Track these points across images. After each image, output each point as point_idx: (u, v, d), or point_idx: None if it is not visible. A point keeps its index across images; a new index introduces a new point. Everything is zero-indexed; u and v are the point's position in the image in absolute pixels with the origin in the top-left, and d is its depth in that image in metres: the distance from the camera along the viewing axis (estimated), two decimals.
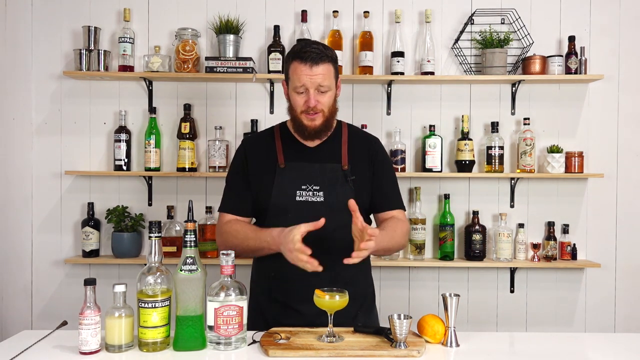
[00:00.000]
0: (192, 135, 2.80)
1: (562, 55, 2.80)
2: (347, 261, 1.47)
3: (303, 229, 1.50)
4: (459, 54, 2.85)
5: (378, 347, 1.34)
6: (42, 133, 2.88)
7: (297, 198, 1.71)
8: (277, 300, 1.72)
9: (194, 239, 1.37)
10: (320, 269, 1.49)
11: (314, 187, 1.72)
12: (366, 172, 1.78)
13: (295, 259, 1.50)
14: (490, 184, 2.90)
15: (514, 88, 2.86)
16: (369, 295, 1.84)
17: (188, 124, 2.78)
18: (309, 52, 1.66)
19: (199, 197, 2.87)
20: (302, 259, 1.49)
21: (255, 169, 1.78)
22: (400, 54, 2.78)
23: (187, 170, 2.75)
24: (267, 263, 1.74)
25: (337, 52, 2.18)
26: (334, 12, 2.80)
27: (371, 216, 1.87)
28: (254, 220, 1.85)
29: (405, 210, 1.85)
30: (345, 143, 1.79)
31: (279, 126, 1.86)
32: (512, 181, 2.87)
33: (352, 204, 1.53)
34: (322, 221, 1.53)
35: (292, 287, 1.68)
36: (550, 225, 2.82)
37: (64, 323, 1.58)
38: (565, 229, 2.84)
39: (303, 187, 1.72)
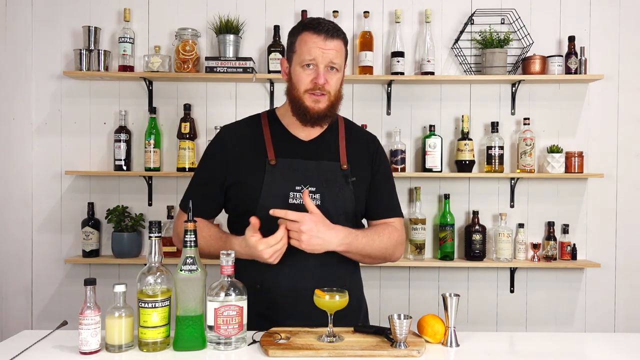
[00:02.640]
0: (192, 135, 2.80)
1: (562, 55, 2.80)
2: None
3: (251, 234, 1.43)
4: (459, 54, 2.85)
5: (378, 347, 1.34)
6: (42, 133, 2.88)
7: (290, 200, 1.52)
8: (262, 315, 1.52)
9: (194, 239, 1.36)
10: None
11: (310, 188, 1.54)
12: (365, 173, 1.62)
13: (277, 256, 1.44)
14: (490, 184, 2.90)
15: (514, 88, 2.86)
16: (363, 307, 1.70)
17: (188, 124, 2.78)
18: (324, 24, 1.50)
19: None
20: (279, 249, 1.42)
21: (237, 165, 1.57)
22: (400, 54, 2.78)
23: (187, 170, 2.75)
24: (252, 274, 1.54)
25: None
26: (334, 12, 2.80)
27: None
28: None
29: (402, 217, 1.70)
30: (343, 139, 1.62)
31: (266, 114, 1.66)
32: (512, 181, 2.87)
33: (305, 195, 1.44)
34: (255, 222, 1.43)
35: (280, 301, 1.53)
36: (550, 225, 2.82)
37: (64, 323, 1.58)
38: (565, 229, 2.84)
39: (297, 187, 1.53)
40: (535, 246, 2.78)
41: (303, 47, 1.50)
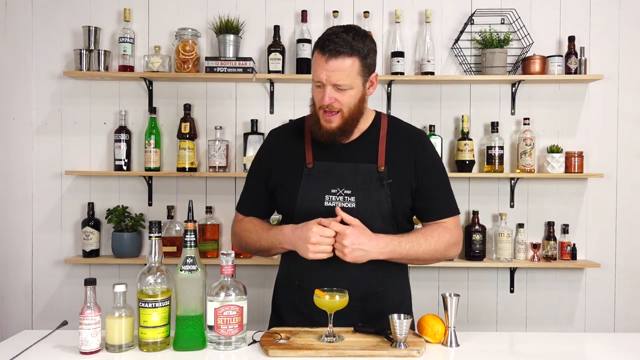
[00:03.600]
0: (192, 135, 2.80)
1: (562, 55, 2.80)
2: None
3: (321, 219, 1.46)
4: (459, 54, 2.85)
5: (378, 347, 1.34)
6: (42, 133, 2.88)
7: (326, 203, 1.53)
8: (299, 311, 1.59)
9: (194, 239, 1.36)
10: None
11: (345, 192, 1.54)
12: (407, 173, 1.58)
13: (317, 249, 1.45)
14: (490, 184, 2.90)
15: (514, 88, 2.86)
16: (403, 309, 1.64)
17: (188, 124, 2.78)
18: (331, 41, 1.46)
19: (199, 197, 2.86)
20: (329, 236, 1.45)
21: (279, 168, 1.62)
22: (400, 54, 2.78)
23: (187, 170, 2.75)
24: (292, 271, 1.62)
25: None
26: (334, 12, 2.80)
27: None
28: (277, 216, 1.76)
29: (458, 214, 1.65)
30: (384, 139, 1.60)
31: (310, 117, 1.66)
32: (512, 181, 2.87)
33: (338, 210, 1.47)
34: (338, 217, 1.46)
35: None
36: (550, 225, 2.82)
37: (64, 323, 1.58)
38: (565, 229, 2.84)
39: (333, 190, 1.54)
40: (535, 246, 2.78)
41: (314, 66, 1.52)
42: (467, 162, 2.77)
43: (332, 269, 1.54)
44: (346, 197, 1.54)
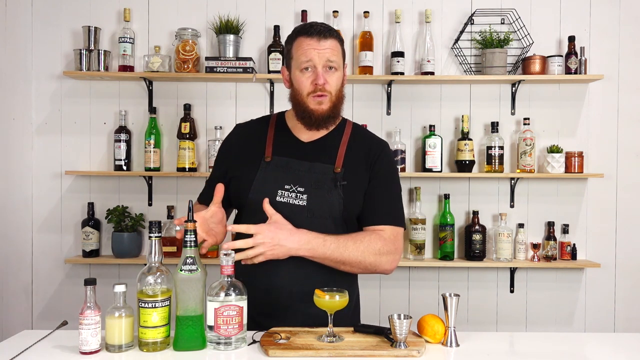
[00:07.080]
0: (192, 135, 2.80)
1: (562, 55, 2.80)
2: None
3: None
4: (459, 54, 2.85)
5: (378, 347, 1.34)
6: (42, 133, 2.88)
7: (278, 198, 1.53)
8: (254, 320, 1.51)
9: (194, 239, 1.36)
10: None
11: (299, 189, 1.54)
12: (362, 177, 1.58)
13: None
14: (490, 184, 2.90)
15: (514, 88, 2.86)
16: (352, 311, 1.65)
17: (188, 124, 2.78)
18: (316, 26, 1.54)
19: None
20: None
21: (239, 159, 1.63)
22: (400, 54, 2.78)
23: (187, 170, 2.76)
24: (250, 276, 1.54)
25: None
26: (334, 12, 2.80)
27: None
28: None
29: (400, 227, 1.59)
30: (345, 143, 1.61)
31: (276, 116, 1.70)
32: (512, 181, 2.87)
33: (265, 203, 1.47)
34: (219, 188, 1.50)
35: (276, 301, 1.54)
36: (550, 225, 2.82)
37: (64, 323, 1.58)
38: (565, 229, 2.84)
39: (287, 186, 1.54)
40: (535, 246, 2.78)
41: (299, 51, 1.53)
42: (467, 162, 2.77)
43: (274, 270, 1.53)
44: (298, 195, 1.53)
